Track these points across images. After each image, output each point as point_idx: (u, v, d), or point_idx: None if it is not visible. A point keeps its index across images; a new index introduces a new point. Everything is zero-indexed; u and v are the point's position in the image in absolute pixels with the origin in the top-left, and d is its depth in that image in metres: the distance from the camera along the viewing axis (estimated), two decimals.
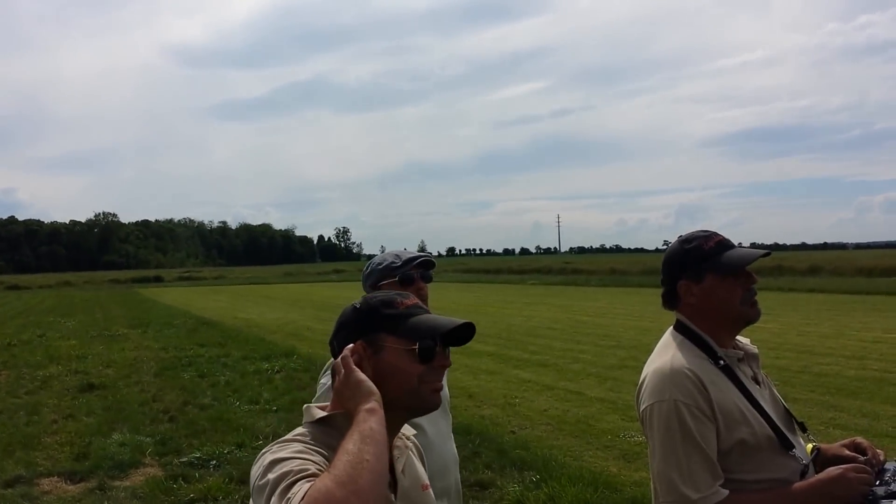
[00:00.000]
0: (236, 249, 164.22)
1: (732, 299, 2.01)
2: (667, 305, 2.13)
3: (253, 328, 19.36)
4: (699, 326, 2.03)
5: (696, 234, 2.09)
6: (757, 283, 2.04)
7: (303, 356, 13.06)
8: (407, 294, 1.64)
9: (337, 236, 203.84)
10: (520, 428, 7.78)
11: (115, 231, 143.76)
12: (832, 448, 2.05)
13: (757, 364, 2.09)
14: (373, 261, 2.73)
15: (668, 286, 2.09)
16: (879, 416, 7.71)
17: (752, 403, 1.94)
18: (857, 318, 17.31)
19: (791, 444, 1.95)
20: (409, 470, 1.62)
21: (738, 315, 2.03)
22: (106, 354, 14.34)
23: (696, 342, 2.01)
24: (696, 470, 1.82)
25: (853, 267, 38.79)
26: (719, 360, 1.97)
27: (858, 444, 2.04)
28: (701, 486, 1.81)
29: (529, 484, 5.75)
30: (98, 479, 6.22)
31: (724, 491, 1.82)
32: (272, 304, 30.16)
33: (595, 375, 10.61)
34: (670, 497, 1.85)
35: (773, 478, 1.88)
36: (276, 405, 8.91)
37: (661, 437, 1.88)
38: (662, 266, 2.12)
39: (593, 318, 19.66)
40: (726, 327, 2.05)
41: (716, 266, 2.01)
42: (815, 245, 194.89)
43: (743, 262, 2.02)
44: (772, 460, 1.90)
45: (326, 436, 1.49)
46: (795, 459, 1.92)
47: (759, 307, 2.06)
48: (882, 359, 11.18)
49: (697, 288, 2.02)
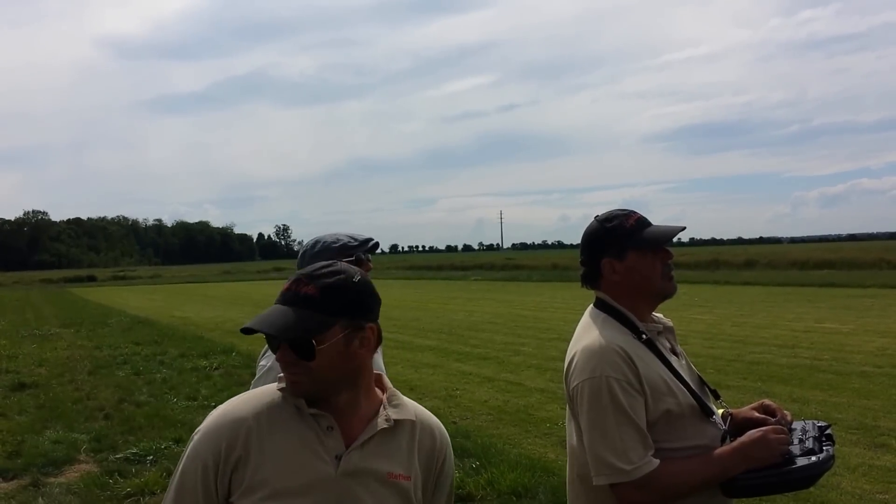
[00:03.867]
0: (172, 248, 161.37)
1: (653, 275, 2.05)
2: (587, 284, 2.15)
3: (190, 326, 19.03)
4: (621, 303, 2.05)
5: (614, 212, 2.12)
6: (673, 258, 2.09)
7: (242, 353, 12.91)
8: None
9: (277, 234, 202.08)
10: (461, 418, 7.84)
11: (45, 230, 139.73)
12: (742, 412, 2.13)
13: (673, 336, 2.14)
14: (322, 238, 2.65)
15: (590, 265, 2.11)
16: (809, 400, 7.98)
17: (675, 374, 1.98)
18: (790, 309, 17.85)
19: (711, 410, 2.02)
20: (375, 451, 1.57)
21: (659, 290, 2.08)
22: (38, 353, 13.95)
23: (618, 318, 2.04)
24: (628, 442, 1.85)
25: (787, 260, 39.96)
26: (642, 335, 2.01)
27: (767, 406, 2.12)
28: (633, 458, 1.83)
29: (469, 470, 5.81)
30: (32, 476, 6.08)
31: (656, 461, 1.86)
32: (210, 303, 29.68)
33: (535, 367, 10.75)
34: (604, 471, 1.87)
35: (697, 444, 1.93)
36: (214, 401, 8.76)
37: (593, 413, 1.90)
38: (583, 246, 2.14)
39: (534, 312, 19.88)
40: (647, 302, 2.09)
41: (638, 242, 2.04)
42: (752, 239, 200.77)
43: (664, 238, 2.07)
44: (694, 427, 1.95)
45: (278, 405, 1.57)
46: (715, 425, 1.99)
47: (675, 282, 2.11)
48: (813, 347, 11.57)
49: (621, 265, 2.04)
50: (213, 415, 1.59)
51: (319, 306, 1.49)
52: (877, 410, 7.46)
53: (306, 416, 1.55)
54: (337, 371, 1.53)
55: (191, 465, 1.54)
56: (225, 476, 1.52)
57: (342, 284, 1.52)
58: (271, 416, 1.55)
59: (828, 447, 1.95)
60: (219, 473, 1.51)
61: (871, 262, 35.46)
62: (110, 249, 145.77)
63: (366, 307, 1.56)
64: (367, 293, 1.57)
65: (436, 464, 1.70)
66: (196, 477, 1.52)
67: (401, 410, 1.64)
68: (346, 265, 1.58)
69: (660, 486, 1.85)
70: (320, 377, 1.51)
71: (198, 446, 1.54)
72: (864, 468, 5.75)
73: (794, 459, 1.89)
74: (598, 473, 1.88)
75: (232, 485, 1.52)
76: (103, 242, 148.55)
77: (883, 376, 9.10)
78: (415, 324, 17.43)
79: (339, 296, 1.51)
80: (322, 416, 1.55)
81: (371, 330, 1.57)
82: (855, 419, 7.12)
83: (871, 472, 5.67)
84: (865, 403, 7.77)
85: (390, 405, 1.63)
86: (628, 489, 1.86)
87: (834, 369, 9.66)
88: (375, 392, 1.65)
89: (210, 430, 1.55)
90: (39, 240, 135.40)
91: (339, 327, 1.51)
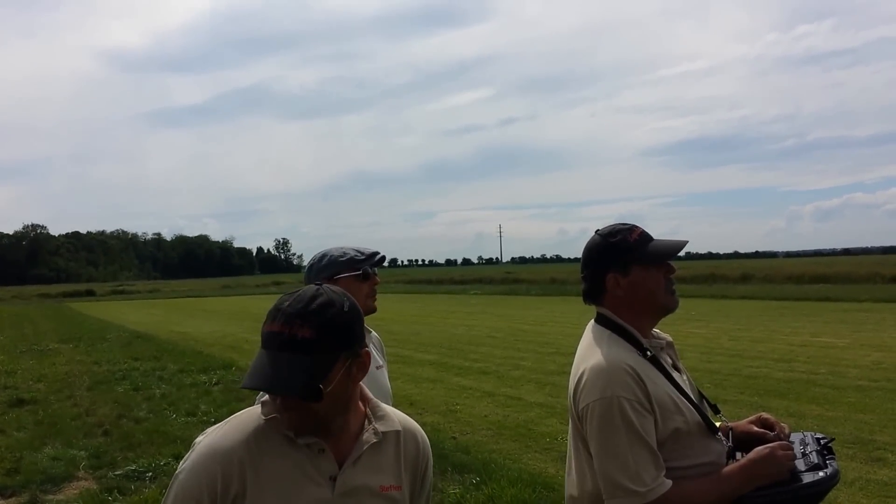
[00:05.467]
0: (172, 262, 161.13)
1: (657, 289, 2.04)
2: (590, 300, 2.13)
3: (189, 341, 19.00)
4: (624, 318, 2.04)
5: (617, 227, 2.10)
6: (675, 272, 2.09)
7: (242, 368, 12.88)
8: None
9: (277, 248, 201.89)
10: (461, 434, 7.85)
11: (44, 244, 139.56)
12: (740, 425, 2.12)
13: (674, 352, 2.13)
14: (329, 252, 2.67)
15: (594, 280, 2.10)
16: (805, 415, 8.00)
17: (679, 391, 1.97)
18: (786, 324, 17.86)
19: (715, 427, 2.00)
20: (366, 467, 1.58)
21: (662, 304, 2.06)
22: (36, 369, 13.92)
23: (622, 335, 2.02)
24: (641, 464, 1.83)
25: (783, 275, 39.96)
26: (646, 352, 1.99)
27: (765, 419, 2.11)
28: (647, 479, 1.82)
29: (470, 486, 5.83)
30: (30, 494, 6.07)
31: (669, 481, 1.84)
32: (209, 318, 29.65)
33: (535, 381, 10.76)
34: (617, 494, 1.84)
35: (704, 462, 1.92)
36: (214, 416, 8.80)
37: (604, 434, 1.87)
38: (585, 261, 2.12)
39: (533, 326, 19.88)
40: (650, 317, 2.07)
41: (642, 257, 2.04)
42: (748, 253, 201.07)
43: (669, 253, 2.06)
44: (701, 445, 1.93)
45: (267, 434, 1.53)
46: (720, 442, 1.98)
47: (678, 297, 2.10)
48: (809, 361, 11.59)
49: (625, 280, 2.03)
50: (200, 450, 1.51)
51: (320, 348, 1.43)
52: (873, 424, 7.48)
53: (297, 443, 1.53)
54: (339, 403, 1.51)
55: (182, 500, 1.47)
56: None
57: (337, 318, 1.46)
58: (261, 446, 1.51)
59: (831, 461, 1.95)
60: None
61: (865, 277, 35.48)
62: (109, 263, 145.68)
63: (359, 334, 1.53)
64: (358, 319, 1.52)
65: (420, 468, 1.71)
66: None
67: (386, 422, 1.63)
68: (330, 291, 1.50)
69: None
70: (324, 414, 1.49)
71: (187, 483, 1.48)
72: (862, 482, 5.76)
73: (800, 475, 1.90)
74: (612, 497, 1.85)
75: None
76: (102, 256, 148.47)
77: (878, 390, 9.12)
78: (415, 338, 17.44)
79: (337, 332, 1.46)
80: (313, 441, 1.53)
81: (367, 354, 1.55)
82: (851, 433, 7.14)
83: (868, 486, 5.69)
84: (862, 417, 7.79)
85: (375, 417, 1.63)
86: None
87: (830, 383, 9.68)
88: (359, 406, 1.63)
89: (200, 466, 1.48)
90: (38, 254, 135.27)
91: (340, 363, 1.47)
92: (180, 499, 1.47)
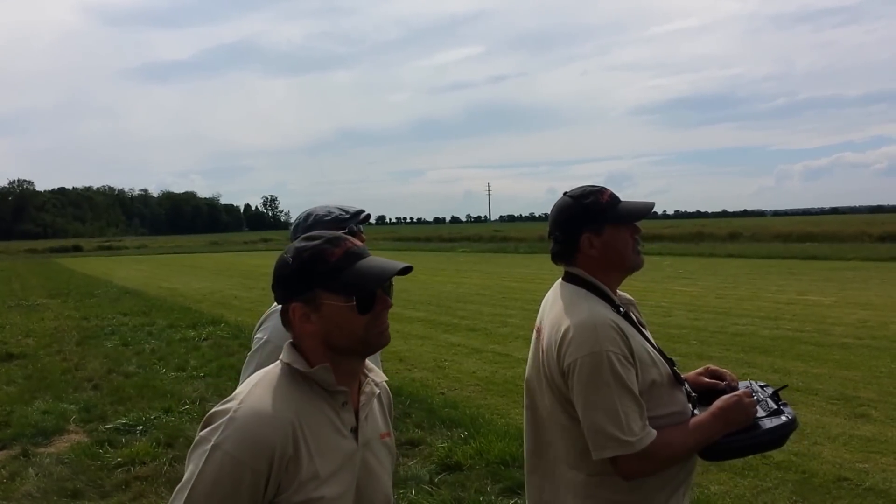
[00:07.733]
0: (159, 218, 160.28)
1: (627, 249, 2.12)
2: (560, 260, 2.17)
3: (178, 297, 19.00)
4: (596, 277, 2.10)
5: (587, 188, 2.16)
6: (641, 233, 2.15)
7: (231, 324, 12.95)
8: (338, 239, 1.57)
9: (264, 204, 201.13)
10: (449, 389, 7.92)
11: (30, 199, 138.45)
12: (690, 376, 2.20)
13: (637, 310, 2.20)
14: (314, 211, 2.63)
15: (566, 241, 2.13)
16: (790, 371, 8.10)
17: (651, 345, 2.05)
18: (773, 282, 18.01)
19: (682, 379, 2.09)
20: (371, 417, 1.64)
21: (630, 264, 2.14)
22: (25, 324, 13.92)
23: (595, 293, 2.07)
24: (630, 414, 1.89)
25: (770, 233, 40.25)
26: (619, 308, 2.06)
27: (713, 371, 2.21)
28: (636, 429, 1.88)
29: (458, 440, 5.88)
30: (21, 446, 6.10)
31: (654, 431, 1.90)
32: (198, 274, 29.61)
33: (523, 338, 10.81)
34: (608, 444, 1.89)
35: (673, 411, 2.00)
36: (203, 371, 8.83)
37: (592, 387, 1.91)
38: (558, 222, 2.15)
39: (521, 283, 19.95)
40: (618, 276, 2.15)
41: (615, 217, 2.10)
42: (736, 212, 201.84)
43: (639, 213, 2.13)
44: (669, 395, 2.01)
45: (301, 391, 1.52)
46: (685, 392, 2.07)
47: (643, 256, 2.18)
48: (795, 319, 11.71)
49: (598, 240, 2.09)
50: (245, 417, 1.45)
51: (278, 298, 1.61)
52: (857, 381, 7.59)
53: (326, 396, 1.54)
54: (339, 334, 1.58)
55: (231, 472, 1.41)
56: (276, 479, 1.44)
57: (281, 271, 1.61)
58: (304, 406, 1.50)
59: (786, 407, 2.05)
60: (271, 478, 1.43)
61: (852, 236, 35.82)
62: (96, 219, 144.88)
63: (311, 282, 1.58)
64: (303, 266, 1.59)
65: (392, 414, 1.81)
66: (240, 484, 1.41)
67: (376, 373, 1.71)
68: (286, 250, 1.60)
69: (659, 456, 1.91)
70: None
71: (238, 452, 1.41)
72: (845, 438, 5.86)
73: (760, 420, 2.00)
74: (602, 448, 1.90)
75: (281, 485, 1.45)
76: (89, 212, 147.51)
77: (863, 348, 9.24)
78: (403, 295, 17.44)
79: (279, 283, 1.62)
80: (342, 391, 1.55)
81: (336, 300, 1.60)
82: (836, 390, 7.24)
83: (852, 441, 5.79)
84: (846, 374, 7.89)
85: (367, 369, 1.68)
86: (631, 461, 1.89)
87: (815, 341, 9.79)
88: None
89: (252, 435, 1.43)
90: (24, 209, 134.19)
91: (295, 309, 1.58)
92: (229, 465, 1.41)
